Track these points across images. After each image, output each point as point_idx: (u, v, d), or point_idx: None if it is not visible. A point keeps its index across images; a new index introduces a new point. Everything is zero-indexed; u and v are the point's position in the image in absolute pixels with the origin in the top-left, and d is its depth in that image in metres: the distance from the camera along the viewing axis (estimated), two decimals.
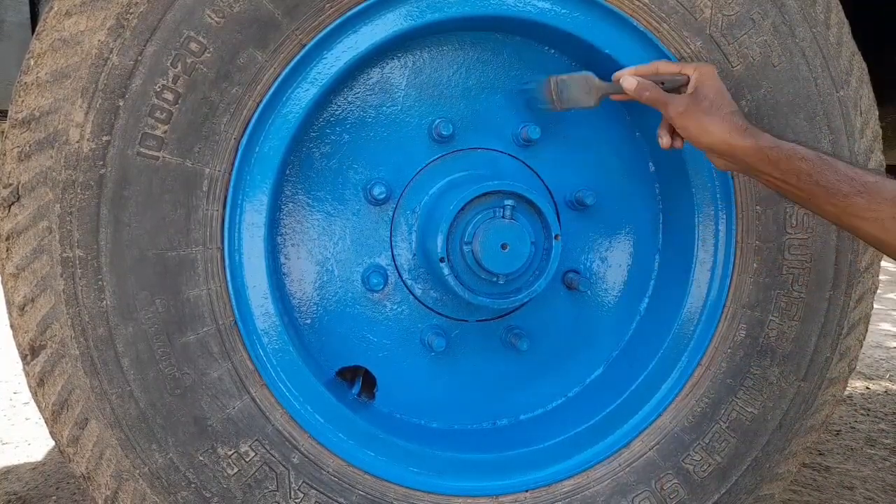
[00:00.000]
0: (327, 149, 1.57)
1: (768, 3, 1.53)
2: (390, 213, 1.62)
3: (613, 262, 1.75)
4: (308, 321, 1.59)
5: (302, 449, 1.44)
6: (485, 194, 1.48)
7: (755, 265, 1.60)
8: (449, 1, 1.45)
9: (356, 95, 1.58)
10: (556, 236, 1.51)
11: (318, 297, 1.60)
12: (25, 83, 1.28)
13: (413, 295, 1.64)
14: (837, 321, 1.65)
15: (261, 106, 1.35)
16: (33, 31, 1.44)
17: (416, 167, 1.62)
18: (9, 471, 2.72)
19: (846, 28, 1.60)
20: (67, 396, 1.32)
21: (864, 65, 1.63)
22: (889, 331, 4.98)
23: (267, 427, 1.41)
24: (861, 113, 1.62)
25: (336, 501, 1.46)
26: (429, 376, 1.67)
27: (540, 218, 1.52)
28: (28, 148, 1.28)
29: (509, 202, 1.48)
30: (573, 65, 1.65)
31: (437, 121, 1.59)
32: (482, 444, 1.64)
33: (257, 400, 1.40)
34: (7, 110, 1.31)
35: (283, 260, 1.57)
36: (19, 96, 1.28)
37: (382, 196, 1.58)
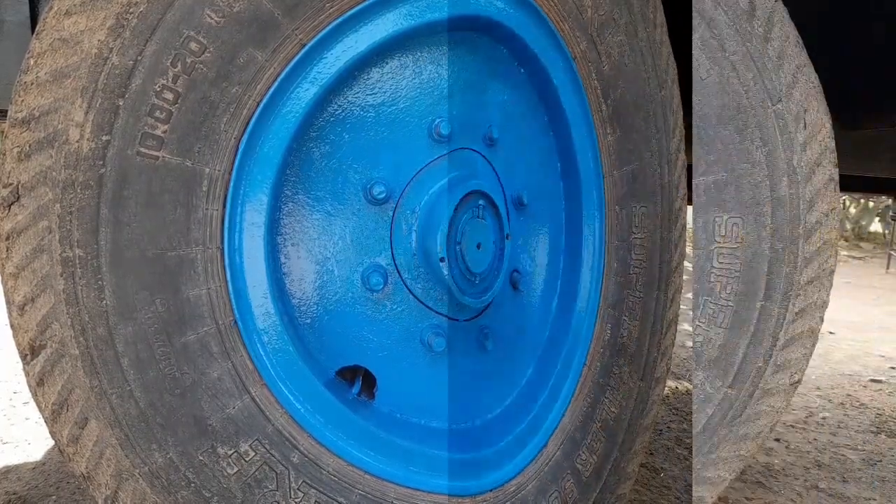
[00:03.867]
0: (327, 148, 1.57)
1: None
2: (390, 213, 1.62)
3: (539, 262, 1.76)
4: (308, 321, 1.59)
5: (302, 448, 1.44)
6: (469, 194, 1.49)
7: (615, 265, 1.62)
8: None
9: (356, 95, 1.58)
10: (507, 235, 1.52)
11: (317, 297, 1.60)
12: (25, 83, 1.28)
13: (413, 294, 1.64)
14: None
15: (261, 105, 1.35)
16: (33, 30, 1.44)
17: (415, 167, 1.62)
18: (9, 471, 2.72)
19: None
20: (67, 396, 1.32)
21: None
22: None
23: (267, 427, 1.41)
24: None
25: (336, 501, 1.46)
26: (429, 376, 1.67)
27: (498, 217, 1.52)
28: (28, 147, 1.28)
29: (481, 202, 1.48)
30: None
31: (437, 120, 1.59)
32: (460, 444, 1.65)
33: (257, 399, 1.40)
34: (7, 110, 1.31)
35: (282, 259, 1.57)
36: (19, 96, 1.28)
37: (382, 196, 1.58)
